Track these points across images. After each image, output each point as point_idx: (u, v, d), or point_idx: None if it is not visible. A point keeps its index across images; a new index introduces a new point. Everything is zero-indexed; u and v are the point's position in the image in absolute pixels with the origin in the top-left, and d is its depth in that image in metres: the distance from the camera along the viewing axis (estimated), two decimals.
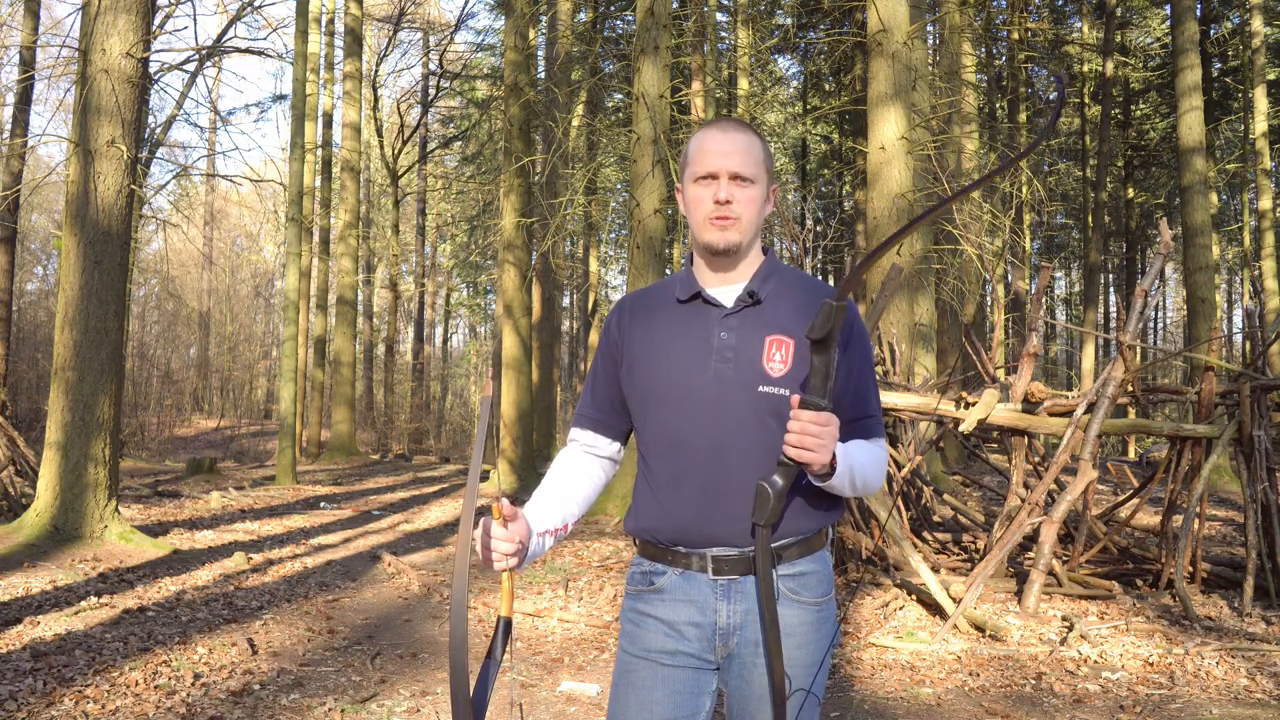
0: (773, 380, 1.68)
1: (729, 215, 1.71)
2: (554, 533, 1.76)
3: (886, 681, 4.63)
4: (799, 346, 1.70)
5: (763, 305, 1.74)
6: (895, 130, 9.72)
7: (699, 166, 1.73)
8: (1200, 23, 19.46)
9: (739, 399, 1.68)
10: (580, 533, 9.44)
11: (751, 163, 1.72)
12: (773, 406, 1.67)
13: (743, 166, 1.72)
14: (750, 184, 1.73)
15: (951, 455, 14.83)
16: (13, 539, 7.03)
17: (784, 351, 1.70)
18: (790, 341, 1.71)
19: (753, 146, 1.74)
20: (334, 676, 4.60)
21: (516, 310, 14.98)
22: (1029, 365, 6.17)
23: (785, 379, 1.68)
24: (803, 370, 1.69)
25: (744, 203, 1.72)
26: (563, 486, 1.82)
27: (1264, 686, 4.45)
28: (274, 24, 23.49)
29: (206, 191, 35.32)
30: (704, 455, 1.68)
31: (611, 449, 1.87)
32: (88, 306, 7.38)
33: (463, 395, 40.72)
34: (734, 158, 1.71)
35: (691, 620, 1.71)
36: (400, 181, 29.30)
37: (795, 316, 1.73)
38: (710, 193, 1.72)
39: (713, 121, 1.79)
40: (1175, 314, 36.60)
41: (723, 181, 1.72)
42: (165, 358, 30.04)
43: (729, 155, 1.71)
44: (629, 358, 1.79)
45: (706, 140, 1.74)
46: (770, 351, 1.70)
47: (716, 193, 1.71)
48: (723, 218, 1.72)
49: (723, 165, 1.71)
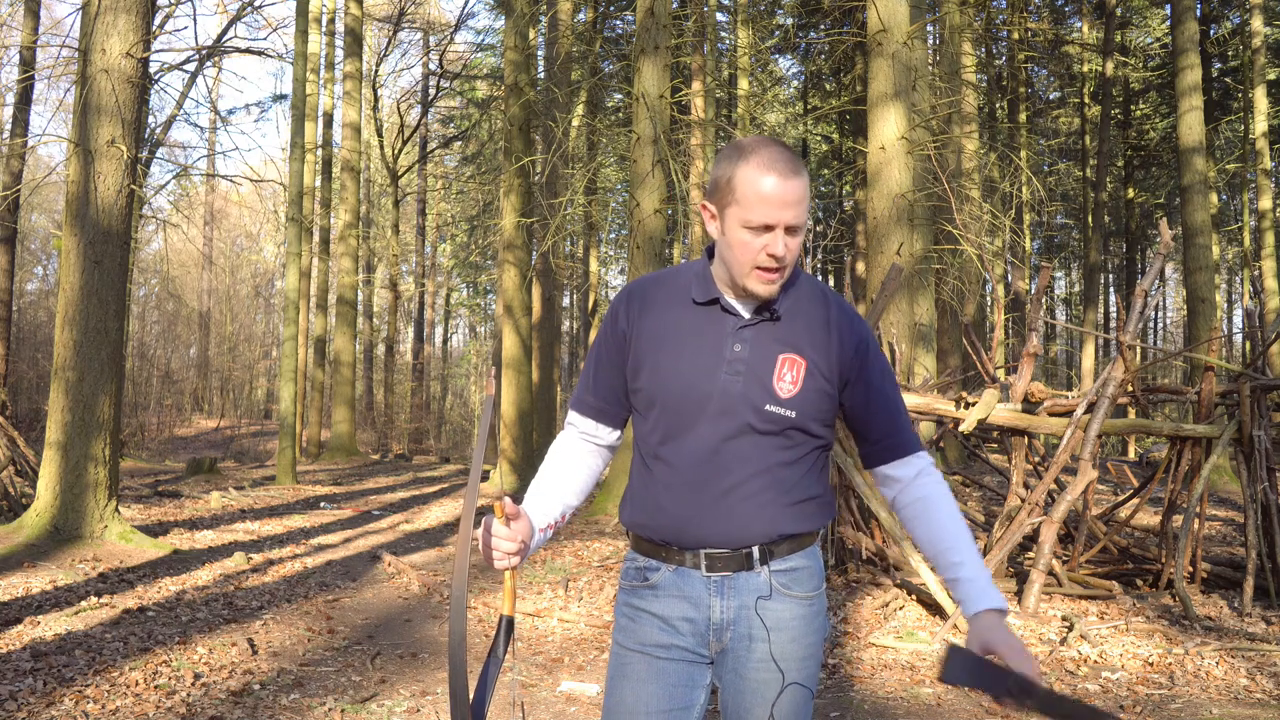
0: (780, 400, 1.67)
1: (781, 268, 1.64)
2: (554, 525, 1.77)
3: (886, 681, 4.63)
4: (811, 368, 1.69)
5: (780, 322, 1.71)
6: (895, 130, 9.72)
7: (754, 215, 1.60)
8: (1200, 23, 19.46)
9: (744, 413, 1.67)
10: (580, 532, 9.44)
11: (804, 210, 1.62)
12: (777, 425, 1.67)
13: (797, 217, 1.61)
14: (800, 230, 1.64)
15: (951, 455, 14.83)
16: (13, 539, 7.03)
17: (795, 372, 1.68)
18: (804, 363, 1.69)
19: (805, 190, 1.62)
20: (334, 676, 4.60)
21: (516, 310, 14.98)
22: (1029, 365, 6.17)
23: (793, 401, 1.67)
24: (812, 391, 1.68)
25: (792, 250, 1.63)
26: (562, 477, 1.81)
27: (1264, 686, 4.45)
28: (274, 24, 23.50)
29: (206, 191, 35.32)
30: (703, 461, 1.68)
31: (611, 437, 1.86)
32: (88, 306, 7.38)
33: (463, 395, 40.71)
34: (792, 209, 1.60)
35: (685, 616, 1.73)
36: (400, 181, 29.30)
37: (810, 334, 1.71)
38: (762, 243, 1.62)
39: (766, 157, 1.61)
40: (1175, 314, 36.61)
41: (778, 234, 1.61)
42: (165, 358, 30.04)
43: (789, 207, 1.59)
44: (637, 352, 1.76)
45: (765, 186, 1.59)
46: (781, 371, 1.68)
47: (771, 246, 1.61)
48: (773, 270, 1.64)
49: (782, 218, 1.60)
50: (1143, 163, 26.09)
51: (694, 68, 17.86)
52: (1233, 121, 22.12)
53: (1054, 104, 26.38)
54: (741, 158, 1.63)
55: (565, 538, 9.18)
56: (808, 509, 1.73)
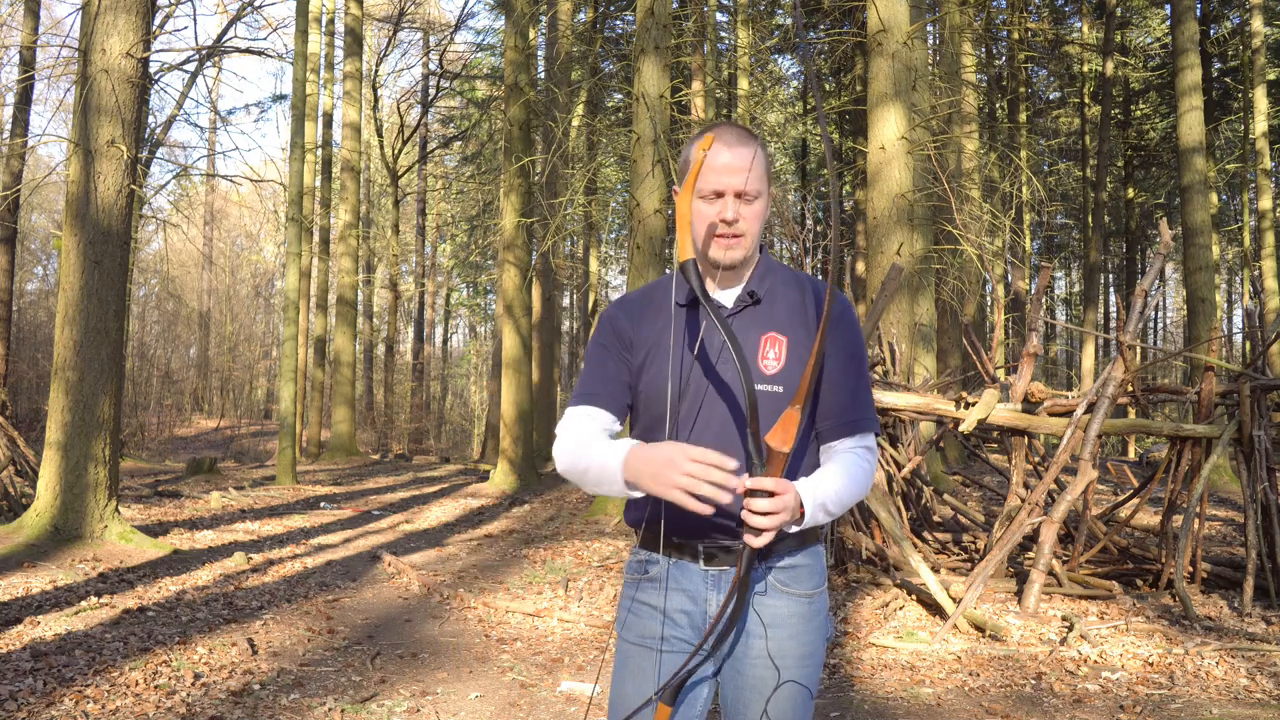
0: (767, 378, 1.72)
1: (735, 233, 1.72)
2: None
3: (886, 681, 4.63)
4: (793, 344, 1.74)
5: (760, 305, 1.77)
6: (895, 130, 9.72)
7: (704, 184, 1.72)
8: (1200, 23, 19.46)
9: (736, 396, 1.72)
10: (580, 532, 9.43)
11: (755, 178, 1.72)
12: (768, 403, 1.70)
13: (748, 184, 1.71)
14: (755, 199, 1.73)
15: (951, 455, 14.83)
16: (13, 539, 7.03)
17: (778, 349, 1.74)
18: (784, 339, 1.75)
19: (757, 160, 1.73)
20: (334, 676, 4.60)
21: (516, 310, 14.98)
22: (1029, 365, 6.17)
23: (779, 376, 1.72)
24: (797, 367, 1.72)
25: (749, 219, 1.73)
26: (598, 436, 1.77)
27: (1264, 686, 4.45)
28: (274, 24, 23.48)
29: (206, 191, 35.33)
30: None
31: (616, 426, 1.85)
32: (88, 306, 7.38)
33: (463, 395, 40.72)
34: (740, 175, 1.71)
35: (682, 608, 1.75)
36: (400, 181, 29.31)
37: (789, 314, 1.77)
38: (715, 210, 1.73)
39: (716, 130, 1.75)
40: (1175, 314, 36.60)
41: (729, 200, 1.72)
42: (165, 358, 30.05)
43: (736, 173, 1.71)
44: (636, 357, 1.80)
45: (713, 156, 1.72)
46: (765, 349, 1.74)
47: (723, 212, 1.71)
48: (729, 235, 1.72)
49: (730, 184, 1.71)
50: (1143, 163, 26.09)
51: (694, 68, 17.86)
52: (1233, 121, 22.12)
53: (1054, 104, 26.38)
54: (695, 140, 1.75)
55: (565, 538, 9.18)
56: None
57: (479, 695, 4.39)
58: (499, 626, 5.75)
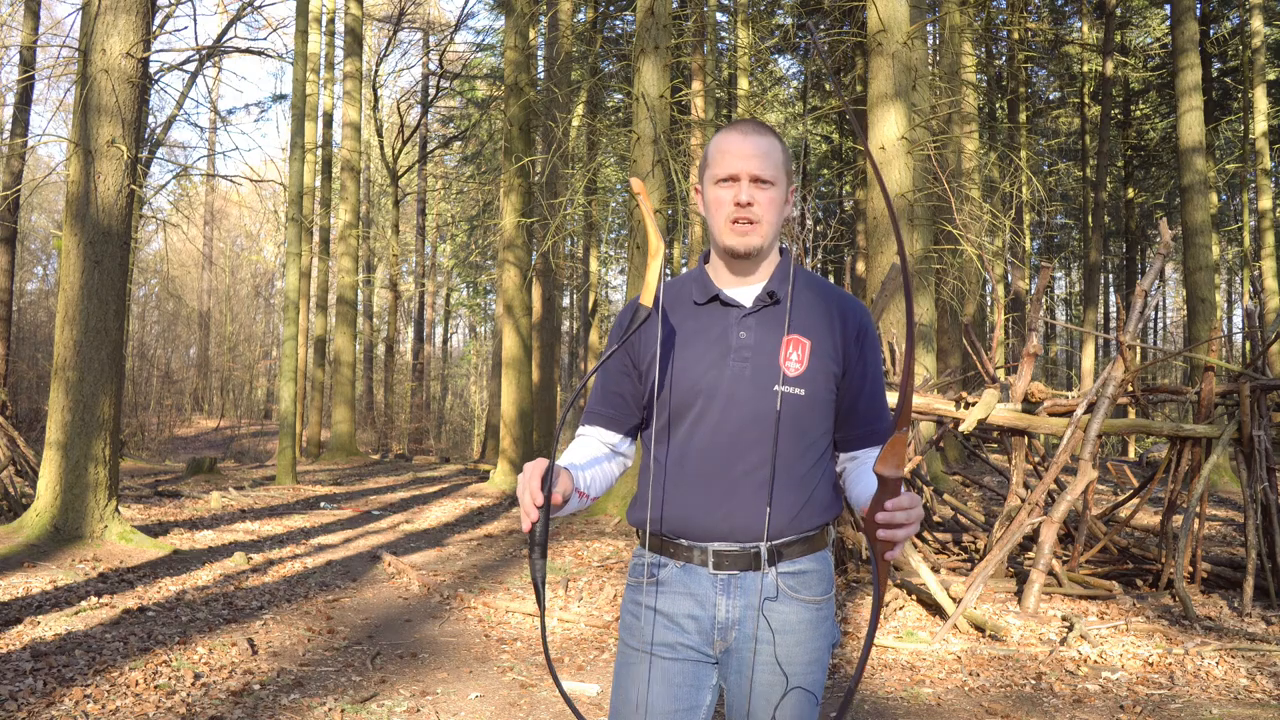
0: (789, 379, 1.70)
1: (750, 218, 1.72)
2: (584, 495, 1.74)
3: (886, 681, 4.63)
4: (816, 347, 1.73)
5: (780, 305, 1.76)
6: (895, 130, 9.72)
7: (720, 169, 1.73)
8: (1200, 23, 19.45)
9: (755, 396, 1.70)
10: (580, 532, 9.44)
11: (771, 165, 1.72)
12: (788, 406, 1.69)
13: (763, 169, 1.71)
14: (770, 186, 1.72)
15: (951, 455, 14.83)
16: (13, 539, 7.03)
17: (801, 351, 1.72)
18: (807, 342, 1.73)
19: (773, 149, 1.73)
20: (334, 676, 4.60)
21: (517, 310, 14.98)
22: (1029, 365, 6.17)
23: (801, 379, 1.71)
24: (819, 371, 1.72)
25: (765, 205, 1.72)
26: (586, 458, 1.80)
27: (1264, 686, 4.45)
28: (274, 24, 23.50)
29: (206, 191, 35.32)
30: (715, 450, 1.70)
31: (624, 445, 1.86)
32: (88, 306, 7.38)
33: (463, 395, 40.73)
34: (755, 160, 1.71)
35: (690, 613, 1.73)
36: (400, 181, 29.31)
37: (813, 318, 1.75)
38: (731, 195, 1.72)
39: (733, 123, 1.77)
40: (1175, 314, 36.59)
41: (744, 184, 1.71)
42: (165, 358, 30.05)
43: (750, 158, 1.71)
44: (647, 357, 1.79)
45: (727, 142, 1.73)
46: (787, 351, 1.72)
47: (737, 195, 1.71)
48: (744, 220, 1.72)
49: (744, 168, 1.71)
50: (1143, 163, 26.09)
51: (694, 68, 17.86)
52: (1233, 121, 22.11)
53: (1054, 104, 26.38)
54: (715, 135, 1.79)
55: (565, 538, 9.18)
56: (816, 502, 1.74)
57: (479, 695, 4.39)
58: (499, 626, 5.75)
